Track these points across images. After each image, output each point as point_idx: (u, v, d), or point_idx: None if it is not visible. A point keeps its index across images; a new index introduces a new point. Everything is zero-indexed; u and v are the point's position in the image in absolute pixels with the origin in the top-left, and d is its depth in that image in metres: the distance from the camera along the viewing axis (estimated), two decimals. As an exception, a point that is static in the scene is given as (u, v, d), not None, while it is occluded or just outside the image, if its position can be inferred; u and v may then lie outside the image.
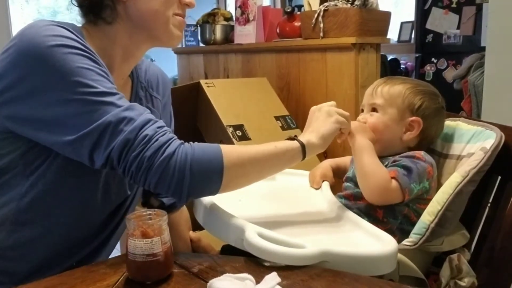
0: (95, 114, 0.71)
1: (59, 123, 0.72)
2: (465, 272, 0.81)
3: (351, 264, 0.69)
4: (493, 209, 0.93)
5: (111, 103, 0.73)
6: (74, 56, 0.73)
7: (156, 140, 0.72)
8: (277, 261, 0.68)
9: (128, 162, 0.71)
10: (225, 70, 2.24)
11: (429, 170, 0.88)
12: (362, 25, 1.59)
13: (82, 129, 0.71)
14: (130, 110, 0.74)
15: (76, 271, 0.70)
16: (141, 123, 0.72)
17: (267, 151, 0.79)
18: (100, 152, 0.72)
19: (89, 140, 0.71)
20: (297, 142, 0.82)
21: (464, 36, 3.56)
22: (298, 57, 1.84)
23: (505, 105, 1.85)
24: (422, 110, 0.92)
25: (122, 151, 0.71)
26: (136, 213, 0.69)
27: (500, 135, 0.87)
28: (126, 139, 0.71)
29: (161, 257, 0.65)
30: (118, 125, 0.71)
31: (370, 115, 0.94)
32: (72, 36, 0.75)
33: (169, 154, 0.71)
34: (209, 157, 0.74)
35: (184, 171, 0.72)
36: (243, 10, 2.06)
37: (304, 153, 0.82)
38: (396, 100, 0.92)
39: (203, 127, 1.78)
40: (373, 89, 0.96)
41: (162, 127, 0.75)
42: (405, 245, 0.81)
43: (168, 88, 1.04)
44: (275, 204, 0.92)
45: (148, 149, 0.71)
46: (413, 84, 0.95)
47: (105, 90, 0.73)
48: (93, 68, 0.74)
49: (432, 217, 0.81)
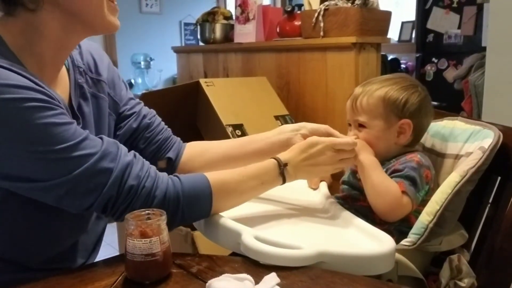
0: (63, 170, 0.66)
1: (19, 175, 0.66)
2: (465, 273, 0.81)
3: (349, 264, 0.69)
4: (492, 209, 0.93)
5: (79, 157, 0.67)
6: (26, 111, 0.64)
7: (142, 188, 0.71)
8: (274, 263, 0.68)
9: (117, 213, 0.71)
10: (224, 69, 2.24)
11: (427, 174, 0.88)
12: (363, 25, 1.59)
13: (47, 181, 0.66)
14: (103, 159, 0.68)
15: (74, 270, 0.70)
16: (120, 173, 0.69)
17: (254, 188, 0.81)
18: (73, 203, 0.69)
19: (58, 192, 0.67)
20: (281, 180, 0.83)
21: (465, 36, 3.56)
22: (298, 57, 1.84)
23: (506, 106, 1.84)
24: (406, 109, 0.90)
25: (107, 206, 0.70)
26: (135, 212, 0.69)
27: (498, 134, 0.87)
28: (109, 196, 0.69)
29: (160, 257, 0.64)
30: (92, 179, 0.67)
31: (359, 131, 0.93)
32: (10, 79, 0.64)
33: (160, 199, 0.72)
34: (198, 194, 0.75)
35: (177, 210, 0.73)
36: (243, 9, 2.06)
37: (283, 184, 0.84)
38: (377, 110, 0.90)
39: (203, 126, 1.78)
40: (351, 103, 0.94)
41: (142, 168, 0.72)
42: (403, 245, 0.81)
43: (105, 60, 0.92)
44: (272, 204, 0.92)
45: (137, 200, 0.70)
46: (390, 84, 0.92)
47: (68, 145, 0.66)
48: (51, 120, 0.66)
49: (430, 217, 0.81)
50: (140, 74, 4.32)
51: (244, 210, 0.86)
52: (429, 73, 3.79)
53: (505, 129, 0.89)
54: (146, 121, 0.96)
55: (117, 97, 0.93)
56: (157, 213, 0.67)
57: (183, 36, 4.70)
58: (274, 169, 0.82)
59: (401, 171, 0.88)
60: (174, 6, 4.56)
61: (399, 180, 0.86)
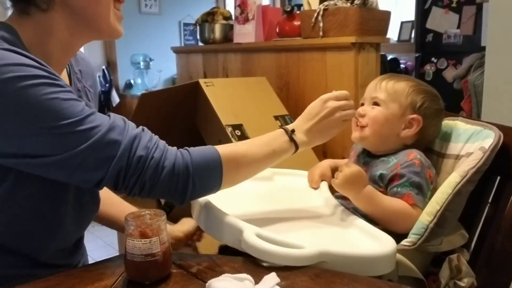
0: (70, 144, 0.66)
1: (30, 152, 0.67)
2: (465, 273, 0.81)
3: (350, 265, 0.69)
4: (492, 209, 0.93)
5: (87, 130, 0.67)
6: (33, 88, 0.65)
7: (151, 159, 0.70)
8: (275, 261, 0.67)
9: (128, 186, 0.70)
10: (224, 70, 2.24)
11: (430, 174, 0.88)
12: (362, 25, 1.59)
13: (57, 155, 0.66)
14: (111, 130, 0.69)
15: (74, 271, 0.70)
16: (129, 145, 0.69)
17: (265, 155, 0.81)
18: (85, 177, 0.68)
19: (68, 167, 0.67)
20: (293, 145, 0.83)
21: (464, 35, 3.56)
22: (298, 57, 1.84)
23: (505, 105, 1.84)
24: (423, 109, 0.92)
25: (118, 178, 0.69)
26: (135, 213, 0.69)
27: (498, 134, 0.87)
28: (119, 167, 0.68)
29: (160, 257, 0.64)
30: (102, 151, 0.67)
31: (372, 108, 0.94)
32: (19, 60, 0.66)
33: (169, 169, 0.71)
34: (208, 164, 0.74)
35: (187, 183, 0.72)
36: (243, 9, 2.06)
37: (296, 151, 0.84)
38: (399, 96, 0.92)
39: (202, 126, 1.78)
40: (376, 83, 0.95)
41: (151, 140, 0.72)
42: (404, 245, 0.80)
43: (94, 73, 0.96)
44: (273, 204, 0.92)
45: (147, 171, 0.70)
46: (417, 83, 0.96)
47: (76, 119, 0.67)
48: (57, 95, 0.67)
49: (431, 217, 0.81)
50: (140, 75, 4.32)
51: (245, 208, 0.86)
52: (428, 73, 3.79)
53: (504, 129, 0.89)
54: None
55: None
56: (157, 214, 0.67)
57: (182, 37, 4.70)
58: (282, 135, 0.83)
59: (403, 176, 0.86)
60: (173, 6, 4.55)
61: (406, 192, 0.85)
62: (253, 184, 1.00)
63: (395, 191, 0.86)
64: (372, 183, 0.90)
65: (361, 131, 0.94)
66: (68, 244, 0.85)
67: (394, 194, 0.86)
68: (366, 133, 0.93)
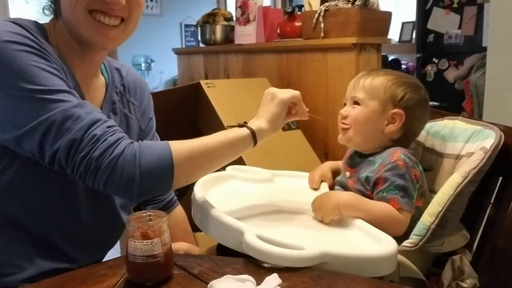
0: (41, 110, 0.70)
1: (5, 120, 0.72)
2: (467, 274, 0.81)
3: (351, 266, 0.69)
4: (494, 210, 0.92)
5: (58, 100, 0.71)
6: (23, 53, 0.72)
7: (104, 140, 0.71)
8: (276, 263, 0.67)
9: (76, 162, 0.71)
10: (225, 71, 2.24)
11: (415, 173, 0.86)
12: (363, 25, 1.59)
13: (27, 125, 0.70)
14: (79, 107, 0.72)
15: (76, 272, 0.70)
16: (90, 122, 0.71)
17: (217, 142, 0.78)
18: (47, 149, 0.71)
19: (36, 135, 0.70)
20: (246, 129, 0.82)
21: (465, 36, 3.56)
22: (299, 58, 1.84)
23: (507, 106, 1.84)
24: (404, 101, 0.90)
25: (70, 151, 0.70)
26: (136, 214, 0.69)
27: (499, 134, 0.86)
28: (73, 138, 0.70)
29: (161, 259, 0.64)
30: (64, 122, 0.70)
31: (352, 108, 0.93)
32: (24, 33, 0.74)
33: (117, 154, 0.70)
34: (158, 155, 0.73)
35: (134, 171, 0.71)
36: (244, 10, 2.06)
37: (255, 139, 0.82)
38: (377, 92, 0.90)
39: (203, 127, 1.78)
40: (355, 82, 0.94)
41: (112, 127, 0.74)
42: (405, 246, 0.80)
43: (147, 94, 1.02)
44: (274, 205, 0.92)
45: (96, 150, 0.70)
46: (396, 75, 0.93)
47: (52, 88, 0.72)
48: (42, 66, 0.72)
49: (432, 218, 0.81)
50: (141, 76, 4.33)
51: (246, 210, 0.86)
52: (429, 74, 3.79)
53: (506, 129, 0.89)
54: None
55: (143, 125, 0.99)
56: (159, 215, 0.67)
57: (183, 38, 4.71)
58: (234, 128, 0.83)
59: (387, 180, 0.85)
60: (174, 7, 4.56)
61: (392, 196, 0.83)
62: (253, 186, 1.00)
63: (380, 196, 0.85)
64: (360, 185, 0.90)
65: (345, 133, 0.93)
66: (91, 238, 0.87)
67: (380, 199, 0.85)
68: (350, 134, 0.92)
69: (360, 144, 0.94)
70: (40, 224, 0.80)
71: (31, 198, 0.79)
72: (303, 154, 1.73)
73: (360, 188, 0.89)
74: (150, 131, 1.01)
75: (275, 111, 0.85)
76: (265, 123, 0.84)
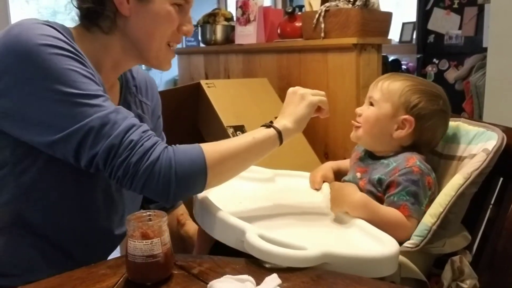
0: (79, 115, 0.71)
1: (41, 124, 0.72)
2: (467, 274, 0.81)
3: (352, 266, 0.69)
4: (495, 210, 0.92)
5: (95, 105, 0.73)
6: (61, 57, 0.73)
7: (141, 146, 0.72)
8: (278, 263, 0.67)
9: (114, 167, 0.72)
10: (225, 71, 2.24)
11: (429, 180, 0.86)
12: (364, 26, 1.59)
13: (64, 130, 0.71)
14: (116, 113, 0.74)
15: (76, 272, 0.70)
16: (126, 128, 0.73)
17: (246, 144, 0.80)
18: (84, 154, 0.72)
19: (73, 141, 0.71)
20: (273, 129, 0.83)
21: (465, 36, 3.56)
22: (299, 58, 1.84)
23: (507, 106, 1.84)
24: (417, 109, 0.90)
25: (108, 156, 0.72)
26: (136, 214, 0.69)
27: (502, 136, 0.86)
28: (111, 144, 0.71)
29: (161, 258, 0.64)
30: (102, 128, 0.71)
31: (367, 107, 0.94)
32: (60, 36, 0.75)
33: (154, 160, 0.72)
34: (192, 159, 0.75)
35: (170, 176, 0.73)
36: (244, 11, 2.06)
37: (281, 139, 0.84)
38: (392, 95, 0.91)
39: (204, 127, 1.78)
40: (375, 83, 0.95)
41: (147, 131, 0.75)
42: (406, 247, 0.80)
43: (156, 92, 1.05)
44: (275, 205, 0.92)
45: (134, 155, 0.72)
46: (415, 82, 0.93)
47: (90, 93, 0.73)
48: (79, 70, 0.74)
49: (434, 219, 0.81)
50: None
51: (247, 209, 0.86)
52: (430, 74, 3.79)
53: (507, 130, 0.89)
54: None
55: (152, 124, 1.00)
56: (159, 215, 0.67)
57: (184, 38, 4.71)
58: (261, 128, 0.84)
59: (400, 184, 0.85)
60: (175, 7, 4.56)
61: (402, 203, 0.83)
62: (255, 185, 1.00)
63: (391, 200, 0.85)
64: (371, 186, 0.90)
65: (356, 131, 0.94)
66: (100, 243, 0.89)
67: (390, 203, 0.85)
68: (360, 133, 0.93)
69: (369, 144, 0.94)
70: (52, 226, 0.81)
71: (48, 200, 0.80)
72: (303, 154, 1.73)
73: (372, 189, 0.89)
74: (157, 131, 1.02)
75: (303, 112, 0.87)
76: (292, 123, 0.86)
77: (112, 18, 0.82)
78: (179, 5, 0.84)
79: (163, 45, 0.85)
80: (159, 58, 0.87)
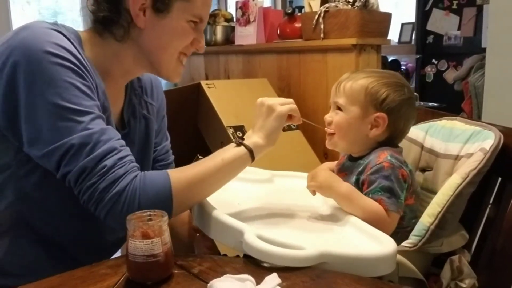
0: (64, 131, 0.72)
1: (30, 133, 0.73)
2: (466, 274, 0.81)
3: (351, 266, 0.69)
4: (493, 210, 0.93)
5: (82, 122, 0.73)
6: (61, 68, 0.73)
7: (113, 173, 0.73)
8: (276, 263, 0.68)
9: (82, 189, 0.73)
10: (225, 71, 2.24)
11: (402, 173, 0.85)
12: (363, 26, 1.60)
13: (48, 146, 0.72)
14: (99, 134, 0.73)
15: (77, 271, 0.70)
16: (105, 152, 0.73)
17: (215, 167, 0.79)
18: (60, 169, 0.73)
19: (55, 156, 0.72)
20: (244, 148, 0.81)
21: (464, 37, 3.57)
22: (299, 58, 1.84)
23: (506, 106, 1.85)
24: (386, 104, 0.88)
25: (79, 178, 0.72)
26: (137, 214, 0.69)
27: (498, 135, 0.87)
28: (85, 166, 0.72)
29: (162, 258, 0.65)
30: (82, 148, 0.72)
31: (336, 113, 0.92)
32: (66, 44, 0.75)
33: (120, 189, 0.72)
34: (158, 188, 0.74)
35: (133, 206, 0.73)
36: (244, 11, 2.07)
37: (253, 156, 0.82)
38: (358, 96, 0.89)
39: (204, 128, 1.79)
40: (336, 86, 0.93)
41: (124, 158, 0.75)
42: (404, 247, 0.81)
43: (161, 92, 1.04)
44: (274, 206, 0.92)
45: (103, 181, 0.72)
46: (377, 77, 0.90)
47: (81, 109, 0.73)
48: (77, 84, 0.74)
49: (432, 219, 0.81)
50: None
51: (246, 210, 0.86)
52: (429, 74, 3.80)
53: (505, 130, 0.89)
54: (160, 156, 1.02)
55: (157, 124, 1.01)
56: (159, 214, 0.67)
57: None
58: (230, 145, 0.83)
59: (373, 182, 0.85)
60: (174, 8, 4.56)
61: (378, 198, 0.83)
62: (253, 186, 1.00)
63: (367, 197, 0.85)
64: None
65: (330, 138, 0.92)
66: (101, 245, 0.89)
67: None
68: (335, 140, 0.92)
69: (346, 149, 0.94)
70: (53, 228, 0.82)
71: (49, 203, 0.80)
72: (303, 154, 1.73)
73: None
74: (161, 131, 1.03)
75: (273, 125, 0.83)
76: (263, 138, 0.83)
77: (126, 27, 0.82)
78: (195, 22, 0.84)
79: (174, 58, 0.86)
80: (169, 70, 0.87)
